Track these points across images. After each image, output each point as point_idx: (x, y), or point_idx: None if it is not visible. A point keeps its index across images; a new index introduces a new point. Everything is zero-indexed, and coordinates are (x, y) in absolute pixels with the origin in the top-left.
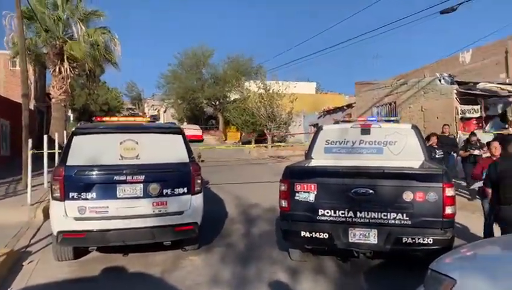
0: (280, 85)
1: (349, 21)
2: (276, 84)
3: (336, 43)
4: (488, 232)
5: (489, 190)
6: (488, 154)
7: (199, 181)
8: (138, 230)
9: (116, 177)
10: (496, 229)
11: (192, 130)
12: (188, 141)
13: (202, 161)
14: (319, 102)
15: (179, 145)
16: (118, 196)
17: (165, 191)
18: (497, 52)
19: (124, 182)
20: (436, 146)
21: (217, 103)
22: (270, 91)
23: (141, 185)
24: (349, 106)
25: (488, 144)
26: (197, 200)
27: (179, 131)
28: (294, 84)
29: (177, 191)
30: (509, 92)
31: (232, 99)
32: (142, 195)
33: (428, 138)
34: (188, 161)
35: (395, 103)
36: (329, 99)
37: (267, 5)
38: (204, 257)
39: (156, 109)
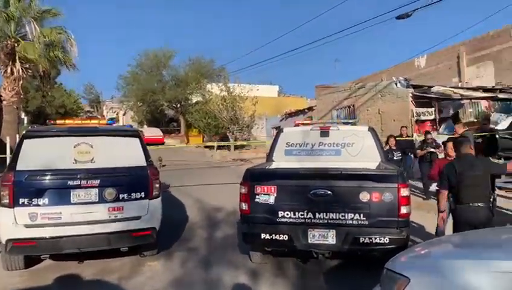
0: (242, 88)
1: (311, 24)
2: (239, 87)
3: (298, 46)
4: (441, 231)
5: (444, 191)
6: (444, 155)
7: (157, 185)
8: (93, 236)
9: (70, 182)
10: (448, 228)
11: (153, 133)
12: (145, 144)
13: (163, 165)
14: (281, 105)
15: (135, 148)
16: (71, 201)
17: (121, 195)
18: (450, 58)
19: (78, 186)
20: (394, 148)
21: (179, 105)
22: (233, 94)
23: (96, 190)
24: (310, 108)
25: (444, 144)
26: (155, 204)
27: (136, 134)
28: (256, 87)
29: (134, 195)
30: (461, 95)
31: (194, 101)
32: (97, 200)
33: (387, 140)
34: (145, 164)
35: (353, 105)
36: (291, 102)
37: (228, 8)
38: (163, 262)
39: (115, 112)
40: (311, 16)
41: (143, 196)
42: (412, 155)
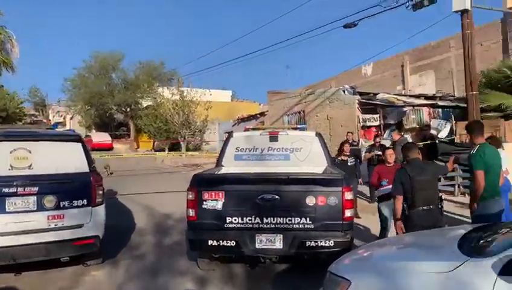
0: (195, 92)
1: (264, 30)
2: (192, 91)
3: (252, 51)
4: (384, 235)
5: (400, 196)
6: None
7: (101, 192)
8: (31, 246)
9: (5, 190)
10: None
11: (101, 138)
12: (88, 150)
13: (111, 173)
14: (234, 110)
15: (78, 153)
16: (7, 209)
17: (62, 203)
18: (394, 66)
19: (15, 194)
20: (348, 153)
21: (128, 109)
22: (186, 98)
23: (34, 198)
24: (262, 114)
25: (383, 151)
26: (99, 212)
27: (78, 139)
28: (209, 92)
29: (76, 203)
30: (404, 102)
31: (144, 105)
32: (35, 208)
33: (341, 146)
34: (88, 170)
35: (303, 111)
36: (244, 107)
37: (180, 12)
38: (108, 272)
39: (61, 116)
40: (264, 22)
41: (85, 203)
42: (357, 160)
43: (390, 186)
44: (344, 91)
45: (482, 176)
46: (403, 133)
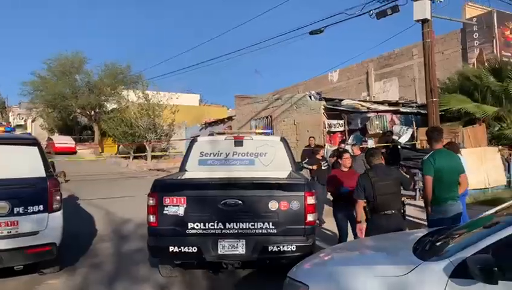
0: (162, 95)
1: (232, 34)
2: (158, 95)
3: (220, 55)
4: (343, 234)
5: (361, 201)
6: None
7: (58, 197)
8: None
9: None
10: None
11: (63, 141)
12: (45, 153)
13: (67, 180)
14: (202, 114)
15: (34, 158)
16: None
17: (16, 209)
18: (359, 73)
19: None
20: (320, 158)
21: (93, 112)
22: (151, 101)
23: None
24: (230, 118)
25: (340, 156)
26: (56, 218)
27: (34, 142)
28: (176, 95)
29: (31, 209)
30: (368, 108)
31: (109, 109)
32: None
33: (313, 151)
34: (44, 175)
35: (271, 116)
36: (212, 112)
37: (147, 14)
38: (65, 280)
39: (22, 118)
40: (234, 25)
41: (41, 209)
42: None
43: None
44: (310, 97)
45: (430, 181)
46: (364, 146)
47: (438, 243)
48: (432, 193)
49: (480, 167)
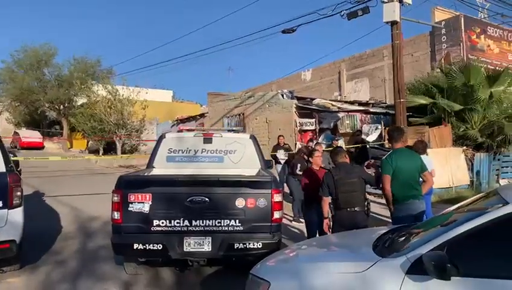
0: (131, 91)
1: (206, 30)
2: (127, 90)
3: (193, 51)
4: (312, 235)
5: (327, 198)
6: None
7: (19, 193)
8: None
9: None
10: None
11: (30, 136)
12: (5, 148)
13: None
14: (174, 110)
15: None
16: None
17: None
18: (332, 73)
19: None
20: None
21: (61, 107)
22: (121, 96)
23: None
24: (202, 115)
25: (310, 154)
26: (16, 214)
27: None
28: (145, 91)
29: None
30: (338, 108)
31: (78, 103)
32: None
33: (297, 152)
34: (4, 170)
35: (243, 114)
36: (185, 108)
37: (118, 7)
38: (26, 278)
39: None
40: (208, 22)
41: (1, 205)
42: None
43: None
44: (282, 95)
45: (388, 180)
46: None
47: (397, 240)
48: (394, 191)
49: (445, 166)
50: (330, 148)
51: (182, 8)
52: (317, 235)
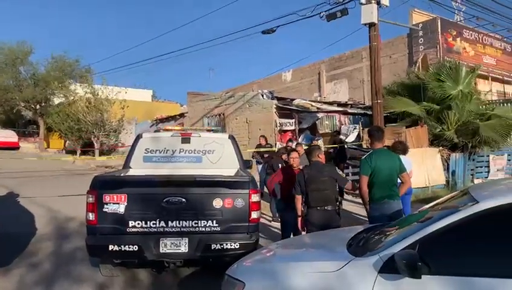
0: (110, 90)
1: (187, 31)
2: (106, 89)
3: (172, 50)
4: (287, 236)
5: (299, 196)
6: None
7: None
8: None
9: None
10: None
11: (5, 136)
12: None
13: None
14: (154, 110)
15: None
16: None
17: None
18: (312, 74)
19: None
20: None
21: (38, 106)
22: (99, 96)
23: None
24: (182, 115)
25: (288, 154)
26: None
27: None
28: (125, 90)
29: None
30: (317, 108)
31: (56, 103)
32: None
33: (278, 152)
34: None
35: (223, 114)
36: (165, 108)
37: (97, 7)
38: None
39: None
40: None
41: None
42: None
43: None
44: (263, 96)
45: (365, 180)
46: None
47: (371, 239)
48: (370, 191)
49: (421, 166)
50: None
51: (164, 8)
52: (292, 235)
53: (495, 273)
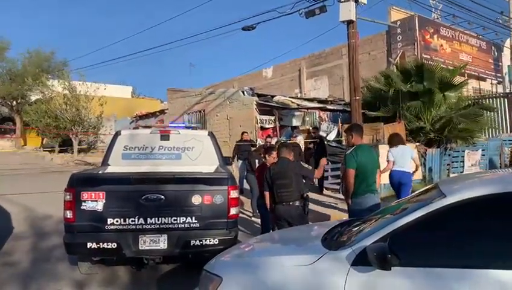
0: (88, 86)
1: (166, 27)
2: (84, 85)
3: (153, 46)
4: (267, 231)
5: (267, 193)
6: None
7: None
8: None
9: None
10: None
11: None
12: None
13: None
14: (134, 106)
15: None
16: None
17: None
18: (292, 70)
19: None
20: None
21: (14, 103)
22: (77, 92)
23: None
24: (162, 111)
25: (266, 151)
26: None
27: None
28: (104, 86)
29: None
30: (298, 105)
31: (33, 99)
32: None
33: (258, 148)
34: None
35: (204, 111)
36: (145, 104)
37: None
38: None
39: None
40: (165, 18)
41: None
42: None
43: None
44: (243, 92)
45: (352, 174)
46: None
47: (345, 233)
48: (354, 185)
49: None
50: None
51: (144, 3)
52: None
53: (462, 264)
